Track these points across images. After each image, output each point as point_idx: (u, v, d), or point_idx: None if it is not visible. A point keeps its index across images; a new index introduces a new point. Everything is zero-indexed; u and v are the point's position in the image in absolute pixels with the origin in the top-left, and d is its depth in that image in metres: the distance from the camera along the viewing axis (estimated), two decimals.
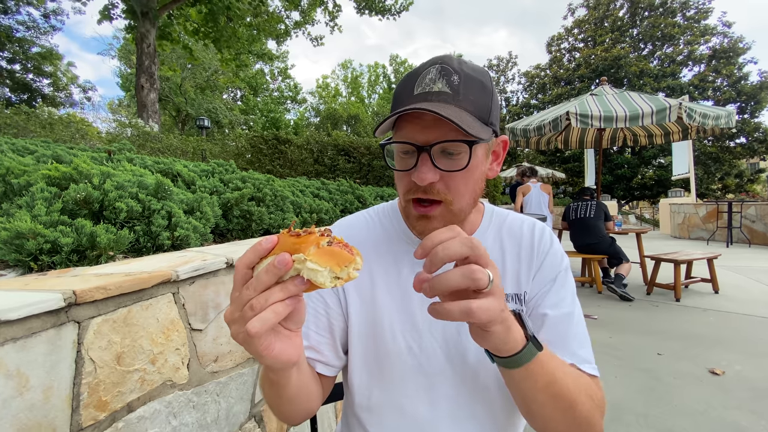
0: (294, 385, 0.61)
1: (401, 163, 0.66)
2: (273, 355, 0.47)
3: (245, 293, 0.44)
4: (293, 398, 0.64)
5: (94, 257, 1.22)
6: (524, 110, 24.58)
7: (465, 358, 0.72)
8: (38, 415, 0.68)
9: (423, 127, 0.62)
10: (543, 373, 0.56)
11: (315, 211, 2.72)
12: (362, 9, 12.14)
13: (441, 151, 0.63)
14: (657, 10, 22.02)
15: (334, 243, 0.44)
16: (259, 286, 0.43)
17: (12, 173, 1.48)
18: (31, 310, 0.66)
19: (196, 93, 23.24)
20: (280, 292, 0.43)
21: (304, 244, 0.42)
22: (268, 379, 0.60)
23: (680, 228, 11.55)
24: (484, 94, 0.64)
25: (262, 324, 0.42)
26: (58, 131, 5.18)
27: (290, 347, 0.49)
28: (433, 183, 0.63)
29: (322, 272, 0.42)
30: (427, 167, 0.62)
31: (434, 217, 0.65)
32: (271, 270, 0.42)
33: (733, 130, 18.30)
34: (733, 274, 5.75)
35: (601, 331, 3.53)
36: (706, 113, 5.12)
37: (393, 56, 38.91)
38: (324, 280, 0.42)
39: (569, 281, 0.76)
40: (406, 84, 0.65)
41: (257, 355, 0.47)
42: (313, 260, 0.41)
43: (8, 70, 15.55)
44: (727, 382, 2.53)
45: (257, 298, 0.43)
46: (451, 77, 0.62)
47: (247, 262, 0.45)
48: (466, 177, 0.65)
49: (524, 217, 0.82)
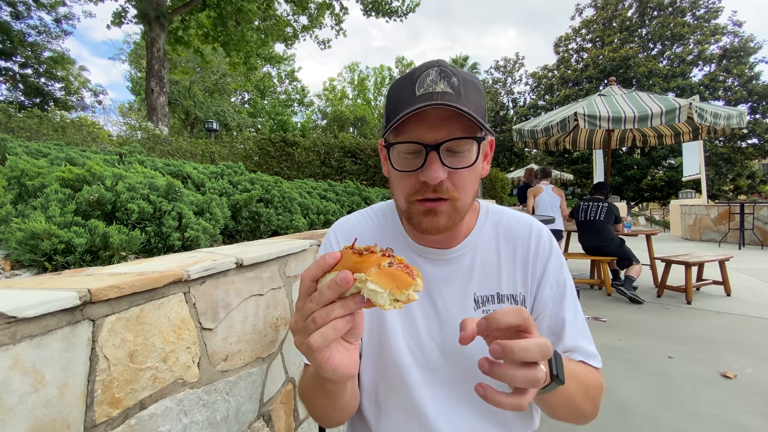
0: (348, 394, 0.64)
1: (406, 164, 0.66)
2: (332, 367, 0.48)
3: (308, 305, 0.46)
4: (345, 407, 0.67)
5: (106, 257, 1.24)
6: (531, 111, 24.44)
7: (461, 355, 0.74)
8: (53, 411, 0.69)
9: (429, 126, 0.62)
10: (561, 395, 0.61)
11: (322, 212, 2.73)
12: (369, 11, 12.17)
13: (447, 150, 0.63)
14: (666, 10, 21.79)
15: (396, 264, 0.44)
16: (321, 300, 0.45)
17: (27, 175, 1.51)
18: (47, 308, 0.67)
19: (204, 96, 23.47)
20: (340, 308, 0.45)
21: (366, 264, 0.43)
22: (323, 389, 0.61)
23: (691, 230, 11.39)
24: (479, 95, 0.66)
25: (323, 339, 0.45)
26: (70, 134, 5.26)
27: (348, 360, 0.50)
28: (443, 181, 0.64)
29: (382, 294, 0.42)
30: (438, 165, 0.62)
31: (441, 212, 0.66)
32: (333, 286, 0.44)
33: (745, 130, 18.05)
34: (745, 277, 5.66)
35: (610, 333, 3.50)
36: (717, 113, 5.05)
37: (399, 58, 39.01)
38: (383, 302, 0.43)
39: (571, 281, 0.78)
40: (404, 86, 0.65)
41: (317, 366, 0.48)
42: (374, 281, 0.42)
43: (21, 75, 15.83)
44: (739, 385, 2.50)
45: (319, 312, 0.45)
46: (450, 78, 0.63)
47: (311, 275, 0.47)
48: (472, 174, 0.67)
49: (520, 215, 0.83)
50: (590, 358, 0.72)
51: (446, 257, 0.76)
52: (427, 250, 0.76)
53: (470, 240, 0.77)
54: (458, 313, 0.74)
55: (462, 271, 0.76)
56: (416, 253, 0.77)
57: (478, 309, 0.74)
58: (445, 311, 0.75)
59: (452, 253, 0.76)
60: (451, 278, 0.76)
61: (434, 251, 0.76)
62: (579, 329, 0.74)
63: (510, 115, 27.30)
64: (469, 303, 0.74)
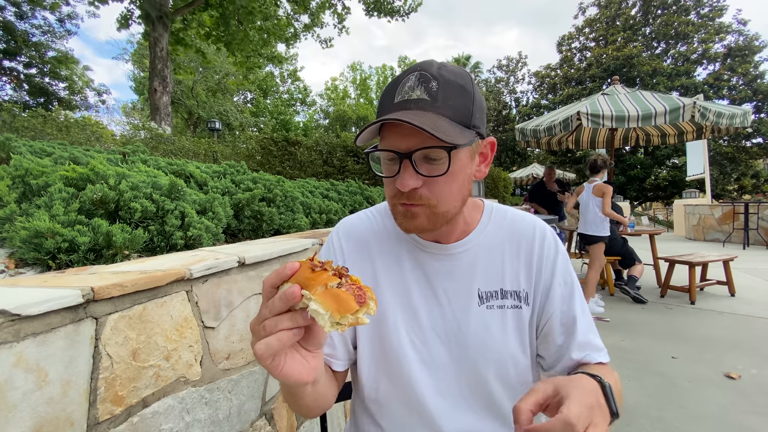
0: (309, 397, 0.64)
1: (387, 170, 0.69)
2: (282, 374, 0.49)
3: (263, 311, 0.47)
4: (309, 405, 0.67)
5: (109, 256, 1.25)
6: (534, 110, 24.35)
7: (466, 351, 0.74)
8: (56, 408, 0.69)
9: (403, 135, 0.63)
10: None
11: (324, 211, 2.73)
12: (371, 11, 12.15)
13: (423, 158, 0.64)
14: (670, 8, 21.66)
15: (346, 285, 0.43)
16: (273, 309, 0.46)
17: (31, 174, 1.51)
18: (51, 306, 0.68)
19: (207, 96, 23.51)
20: (288, 320, 0.46)
21: (314, 281, 0.43)
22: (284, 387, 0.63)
23: (695, 229, 11.33)
24: (465, 97, 0.65)
25: (267, 348, 0.46)
26: (74, 134, 5.28)
27: (302, 367, 0.51)
28: (416, 189, 0.65)
29: (323, 315, 0.42)
30: (409, 173, 0.63)
31: (418, 214, 0.67)
32: (282, 298, 0.45)
33: (749, 129, 17.95)
34: (749, 277, 5.63)
35: (613, 333, 3.49)
36: (721, 112, 5.02)
37: (401, 58, 38.87)
38: (324, 323, 0.42)
39: (576, 279, 0.79)
40: (389, 92, 0.67)
41: (268, 370, 0.49)
42: (317, 300, 0.42)
43: (25, 74, 15.90)
44: (743, 386, 2.48)
45: (269, 321, 0.46)
46: (429, 84, 0.63)
47: (271, 282, 0.48)
48: (449, 181, 0.66)
49: (524, 214, 0.84)
50: (600, 353, 0.74)
51: (449, 252, 0.77)
52: (429, 244, 0.77)
53: (473, 237, 0.78)
54: (462, 308, 0.75)
55: (465, 266, 0.76)
56: (420, 248, 0.78)
57: (483, 304, 0.75)
58: (448, 305, 0.75)
59: (455, 248, 0.77)
60: (454, 273, 0.76)
61: (435, 245, 0.77)
62: (587, 324, 0.76)
63: (512, 115, 27.22)
64: (473, 298, 0.75)
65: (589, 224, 4.19)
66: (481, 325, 0.74)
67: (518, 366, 0.76)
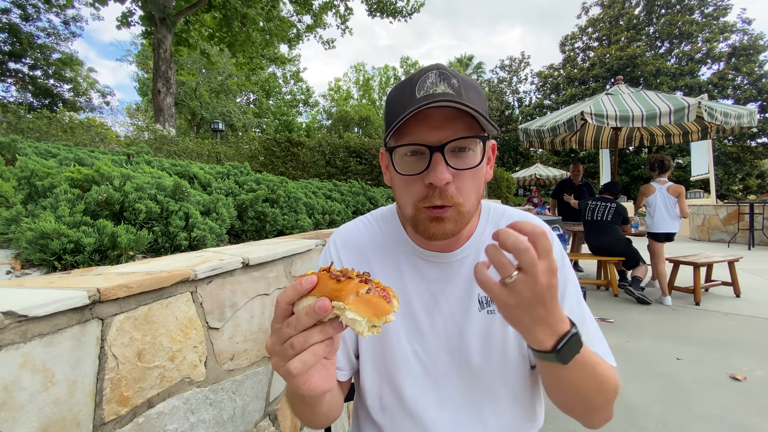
0: (326, 404, 0.64)
1: (410, 168, 0.65)
2: (311, 387, 0.49)
3: (285, 330, 0.46)
4: (324, 414, 0.67)
5: (114, 257, 1.25)
6: (537, 111, 24.31)
7: (469, 359, 0.73)
8: (63, 409, 0.70)
9: (432, 127, 0.62)
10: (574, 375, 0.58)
11: (327, 212, 2.73)
12: (374, 11, 12.16)
13: (451, 151, 0.63)
14: (674, 8, 21.56)
15: (373, 289, 0.45)
16: (299, 326, 0.45)
17: (36, 175, 1.52)
18: (58, 307, 0.68)
19: (210, 97, 23.61)
20: (319, 333, 0.45)
21: (344, 291, 0.44)
22: (302, 401, 0.62)
23: (700, 230, 11.27)
24: (480, 98, 0.65)
25: (303, 365, 0.45)
26: (78, 135, 5.31)
27: (326, 376, 0.51)
28: (449, 184, 0.63)
29: (361, 322, 0.43)
30: (443, 167, 0.62)
31: (448, 219, 0.65)
32: (311, 313, 0.44)
33: (755, 129, 17.82)
34: (755, 278, 5.59)
35: (617, 334, 3.47)
36: (727, 112, 4.99)
37: (404, 58, 38.87)
38: (362, 329, 0.43)
39: (574, 277, 0.77)
40: (404, 90, 0.65)
41: (296, 387, 0.49)
42: (353, 309, 0.43)
43: (30, 76, 16.02)
44: (748, 387, 2.47)
45: (297, 338, 0.45)
46: (450, 80, 0.63)
47: (287, 298, 0.47)
48: (475, 177, 0.66)
49: (522, 214, 0.82)
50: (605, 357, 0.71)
51: (449, 260, 0.76)
52: (430, 254, 0.76)
53: (472, 242, 0.77)
54: (463, 315, 0.74)
55: (465, 273, 0.75)
56: (420, 257, 0.77)
57: (483, 309, 0.74)
58: (449, 312, 0.75)
59: (455, 256, 0.76)
60: (455, 281, 0.75)
61: (437, 255, 0.76)
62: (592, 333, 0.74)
63: (515, 115, 27.18)
64: (474, 303, 0.74)
65: (663, 222, 4.51)
66: (483, 330, 0.73)
67: (520, 370, 0.75)
